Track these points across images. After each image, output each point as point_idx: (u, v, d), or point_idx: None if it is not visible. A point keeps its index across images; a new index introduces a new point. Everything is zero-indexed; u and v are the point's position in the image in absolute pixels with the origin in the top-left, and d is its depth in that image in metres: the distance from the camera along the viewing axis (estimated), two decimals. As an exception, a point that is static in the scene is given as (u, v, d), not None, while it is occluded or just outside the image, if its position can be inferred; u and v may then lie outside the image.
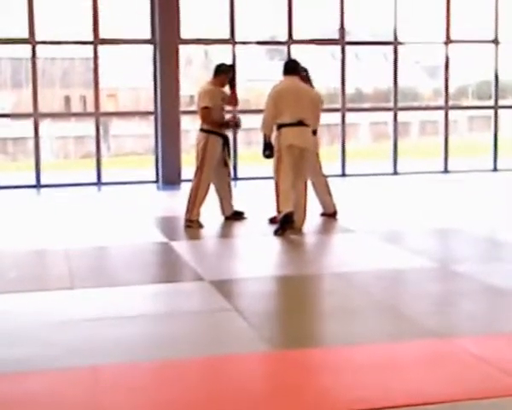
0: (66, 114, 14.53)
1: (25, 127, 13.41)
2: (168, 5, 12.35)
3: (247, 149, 14.46)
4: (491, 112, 14.20)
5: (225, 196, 8.49)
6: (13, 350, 4.17)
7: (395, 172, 13.67)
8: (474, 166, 14.13)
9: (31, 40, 12.12)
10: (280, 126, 7.62)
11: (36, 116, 12.34)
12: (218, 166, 8.25)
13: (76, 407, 3.37)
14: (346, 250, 7.04)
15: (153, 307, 5.21)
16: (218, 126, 8.16)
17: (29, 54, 12.22)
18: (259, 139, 7.91)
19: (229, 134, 8.82)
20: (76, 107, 15.08)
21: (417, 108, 15.42)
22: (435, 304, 5.13)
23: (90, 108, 13.10)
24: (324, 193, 8.52)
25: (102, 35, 12.39)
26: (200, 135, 8.20)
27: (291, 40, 12.99)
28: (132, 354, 4.09)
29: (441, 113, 14.03)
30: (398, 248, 6.97)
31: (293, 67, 7.86)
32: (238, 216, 8.52)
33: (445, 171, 13.89)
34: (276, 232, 7.49)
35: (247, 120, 13.20)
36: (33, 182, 12.43)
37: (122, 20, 13.18)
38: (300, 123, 7.61)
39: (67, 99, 15.06)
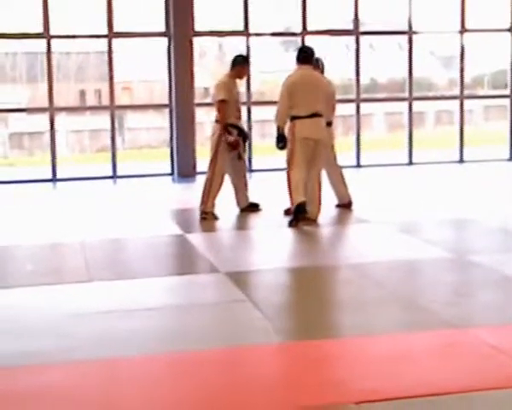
0: (82, 108, 14.58)
1: (40, 121, 13.48)
2: (182, -2, 12.37)
3: (262, 140, 14.45)
4: (507, 101, 14.11)
5: (241, 188, 8.49)
6: (30, 343, 4.20)
7: (410, 163, 13.63)
8: (489, 156, 14.06)
9: (45, 35, 12.16)
10: (294, 118, 7.56)
11: (52, 110, 12.39)
12: (233, 158, 8.25)
13: (92, 399, 3.39)
14: (361, 241, 7.02)
15: (168, 299, 5.22)
16: (229, 125, 8.15)
17: (44, 48, 12.27)
18: (274, 131, 7.88)
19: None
20: (91, 100, 15.14)
21: (432, 97, 15.36)
22: (451, 294, 5.11)
23: (105, 101, 13.13)
24: (339, 184, 8.50)
25: (117, 28, 12.42)
26: (215, 126, 8.21)
27: (305, 31, 12.95)
28: (148, 346, 4.11)
29: (456, 102, 13.95)
30: (414, 238, 6.95)
31: (307, 57, 7.72)
32: (253, 208, 8.52)
33: (461, 161, 13.82)
34: (291, 223, 7.49)
35: (261, 112, 13.21)
36: (49, 176, 12.49)
37: (136, 13, 13.20)
38: (315, 115, 7.54)
39: (82, 93, 15.11)
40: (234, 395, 3.41)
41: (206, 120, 12.78)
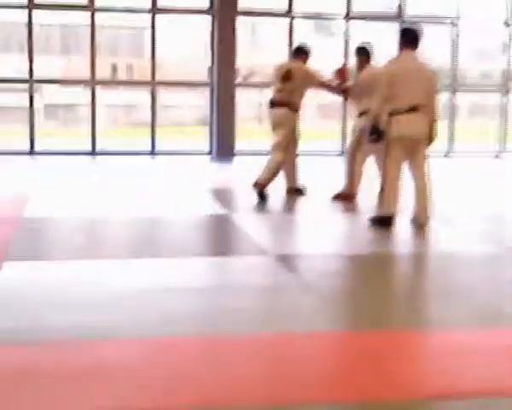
0: (122, 82, 14.52)
1: (74, 94, 13.46)
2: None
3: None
4: None
5: (290, 169, 8.52)
6: (74, 318, 4.06)
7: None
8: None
9: (90, 7, 12.09)
10: (390, 114, 6.73)
11: (93, 83, 12.33)
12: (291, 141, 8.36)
13: (138, 376, 3.28)
14: (408, 231, 6.86)
15: (214, 279, 5.12)
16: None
17: (86, 21, 12.20)
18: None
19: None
20: (123, 75, 15.07)
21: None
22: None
23: (138, 76, 13.03)
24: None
25: (160, 3, 12.32)
26: (287, 113, 8.31)
27: (349, 16, 12.81)
28: (191, 327, 3.96)
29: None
30: (457, 232, 6.81)
31: (413, 39, 6.76)
32: (298, 192, 8.50)
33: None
34: (371, 222, 6.96)
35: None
36: (88, 148, 12.44)
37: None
38: (414, 109, 6.69)
39: (114, 67, 15.06)
40: (278, 382, 3.25)
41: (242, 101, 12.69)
